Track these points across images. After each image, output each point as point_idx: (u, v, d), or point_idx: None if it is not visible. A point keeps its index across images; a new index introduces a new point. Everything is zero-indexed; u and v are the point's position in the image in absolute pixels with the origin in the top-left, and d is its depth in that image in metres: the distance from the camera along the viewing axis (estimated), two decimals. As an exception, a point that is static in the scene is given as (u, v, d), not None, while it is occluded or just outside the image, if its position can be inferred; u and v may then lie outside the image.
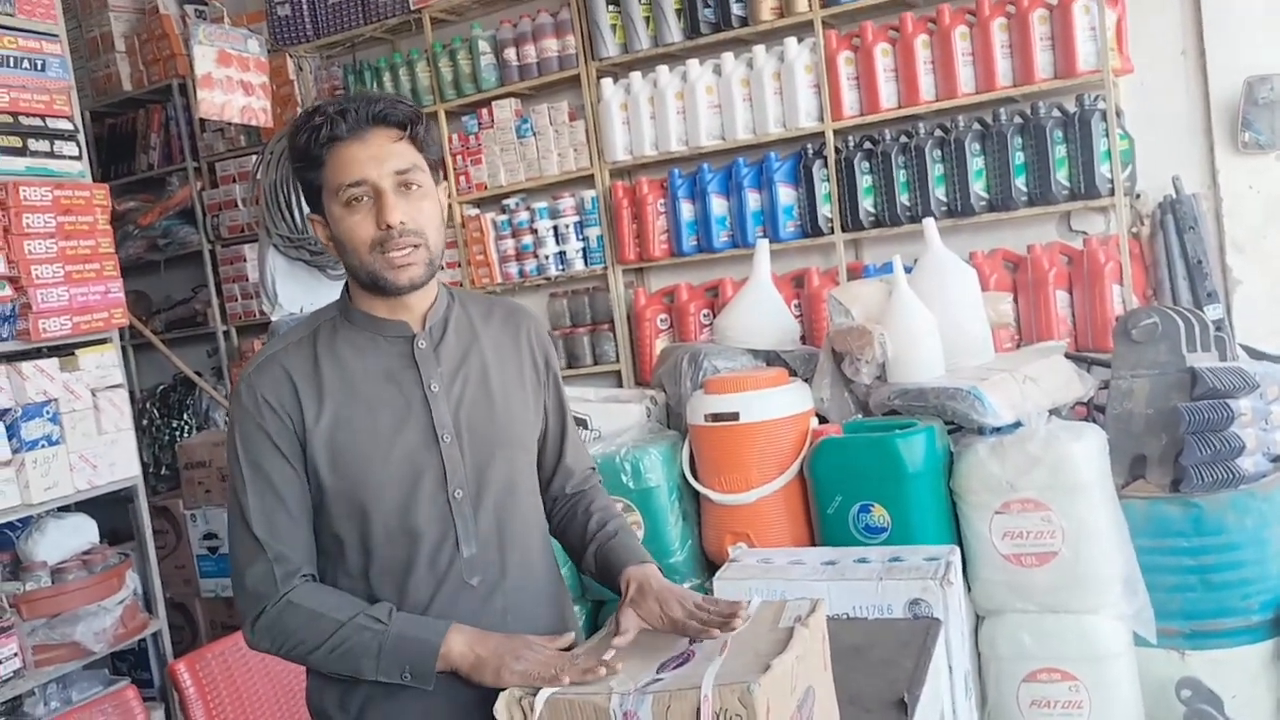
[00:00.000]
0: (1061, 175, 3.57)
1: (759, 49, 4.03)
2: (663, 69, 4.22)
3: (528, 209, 4.62)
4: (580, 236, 4.54)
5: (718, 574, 2.50)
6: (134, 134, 5.71)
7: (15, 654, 2.84)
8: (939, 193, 3.75)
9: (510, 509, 1.57)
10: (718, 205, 4.19)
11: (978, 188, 3.69)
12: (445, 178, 1.65)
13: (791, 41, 3.95)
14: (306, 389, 1.47)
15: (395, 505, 1.48)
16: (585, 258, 4.56)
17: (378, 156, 1.44)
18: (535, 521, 1.65)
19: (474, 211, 4.74)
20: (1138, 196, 3.64)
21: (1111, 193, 3.53)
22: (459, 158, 4.71)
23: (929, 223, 3.22)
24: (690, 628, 1.41)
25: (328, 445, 1.46)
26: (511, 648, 1.39)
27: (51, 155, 3.12)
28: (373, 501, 1.47)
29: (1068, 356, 3.24)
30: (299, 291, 3.93)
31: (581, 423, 3.37)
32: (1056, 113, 3.58)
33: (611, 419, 3.42)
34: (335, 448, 1.47)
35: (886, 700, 1.64)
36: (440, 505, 1.50)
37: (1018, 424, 2.76)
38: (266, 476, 1.47)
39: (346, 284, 1.57)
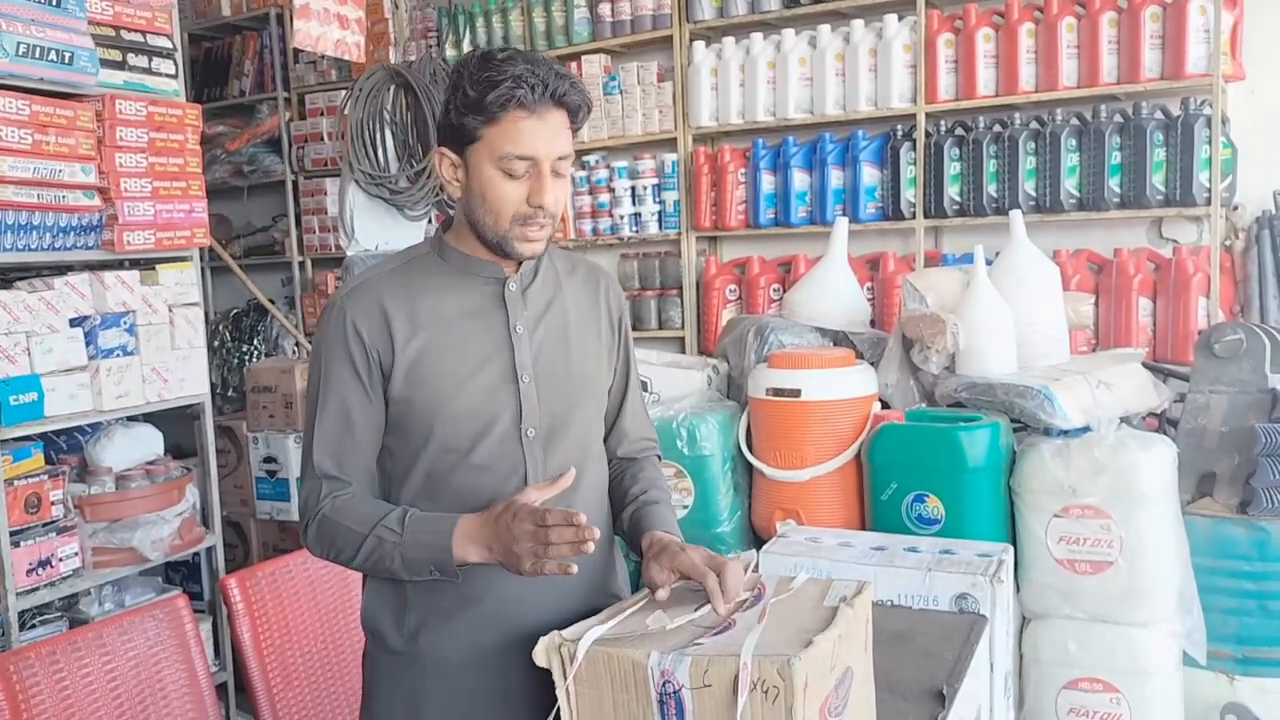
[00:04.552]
0: (1158, 179, 3.46)
1: (857, 23, 3.96)
2: (757, 36, 4.17)
3: (607, 167, 4.60)
4: (657, 199, 4.52)
5: (764, 548, 2.49)
6: (228, 59, 5.79)
7: (76, 553, 2.94)
8: (1029, 186, 3.66)
9: (577, 454, 1.60)
10: (799, 179, 4.14)
11: (1070, 185, 3.59)
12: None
13: (892, 19, 3.87)
14: (398, 317, 1.51)
15: (469, 437, 1.52)
16: (660, 221, 4.54)
17: (550, 138, 1.46)
18: (598, 472, 1.67)
19: (554, 165, 4.74)
20: (1235, 208, 3.52)
21: (1208, 202, 3.42)
22: (544, 110, 4.70)
23: (1016, 215, 3.14)
24: (710, 585, 1.37)
25: (411, 372, 1.50)
26: (509, 543, 1.38)
27: (149, 72, 3.17)
28: (448, 431, 1.51)
29: (1145, 366, 3.16)
30: (376, 229, 3.98)
31: (642, 385, 3.37)
32: (1159, 114, 3.47)
33: (672, 384, 3.42)
34: (418, 375, 1.50)
35: (925, 690, 1.62)
36: (512, 442, 1.53)
37: (1086, 428, 2.70)
38: (341, 399, 1.52)
39: (444, 222, 1.61)
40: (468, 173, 1.50)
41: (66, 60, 2.86)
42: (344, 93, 4.41)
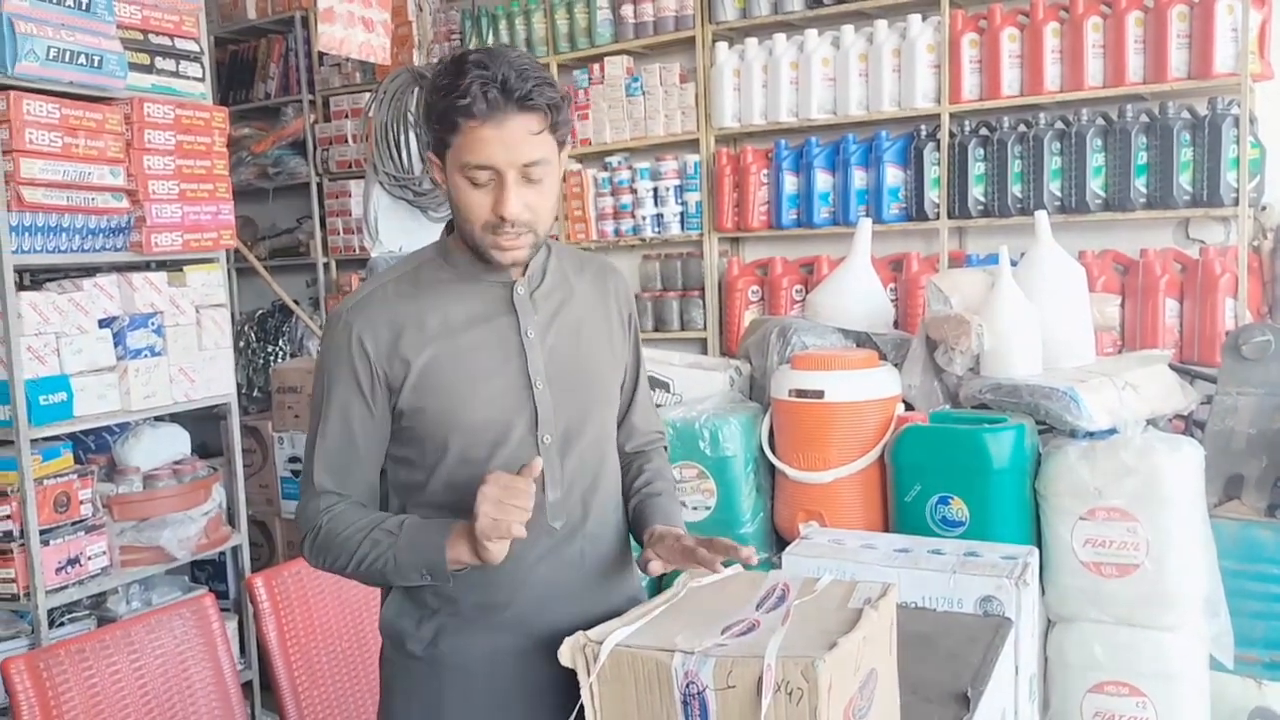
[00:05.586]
0: (1184, 180, 3.44)
1: (881, 24, 3.95)
2: (780, 37, 4.16)
3: (629, 168, 4.61)
4: (679, 200, 4.53)
5: (787, 549, 2.48)
6: (254, 62, 5.83)
7: (104, 552, 2.96)
8: (1054, 187, 3.64)
9: (594, 457, 1.58)
10: (822, 180, 4.14)
11: (1095, 185, 3.57)
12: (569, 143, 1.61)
13: (915, 19, 3.86)
14: (405, 329, 1.48)
15: (486, 446, 1.49)
16: (682, 222, 4.54)
17: (510, 146, 1.38)
18: (614, 474, 1.66)
19: (576, 166, 4.75)
20: (1263, 209, 3.49)
21: (1235, 202, 3.39)
22: (567, 111, 4.71)
23: (1041, 215, 3.12)
24: (700, 554, 1.42)
25: (423, 383, 1.48)
26: (476, 532, 1.37)
27: (176, 75, 3.20)
28: (464, 441, 1.49)
29: (1171, 367, 3.14)
30: (400, 230, 4.00)
31: (664, 386, 3.38)
32: (1186, 114, 3.44)
33: (694, 385, 3.41)
34: (431, 385, 1.48)
35: (949, 693, 1.62)
36: (529, 450, 1.50)
37: (1112, 430, 2.68)
38: (344, 415, 1.50)
39: (448, 225, 1.57)
40: (447, 181, 1.47)
41: (95, 64, 2.88)
42: (368, 95, 4.43)
